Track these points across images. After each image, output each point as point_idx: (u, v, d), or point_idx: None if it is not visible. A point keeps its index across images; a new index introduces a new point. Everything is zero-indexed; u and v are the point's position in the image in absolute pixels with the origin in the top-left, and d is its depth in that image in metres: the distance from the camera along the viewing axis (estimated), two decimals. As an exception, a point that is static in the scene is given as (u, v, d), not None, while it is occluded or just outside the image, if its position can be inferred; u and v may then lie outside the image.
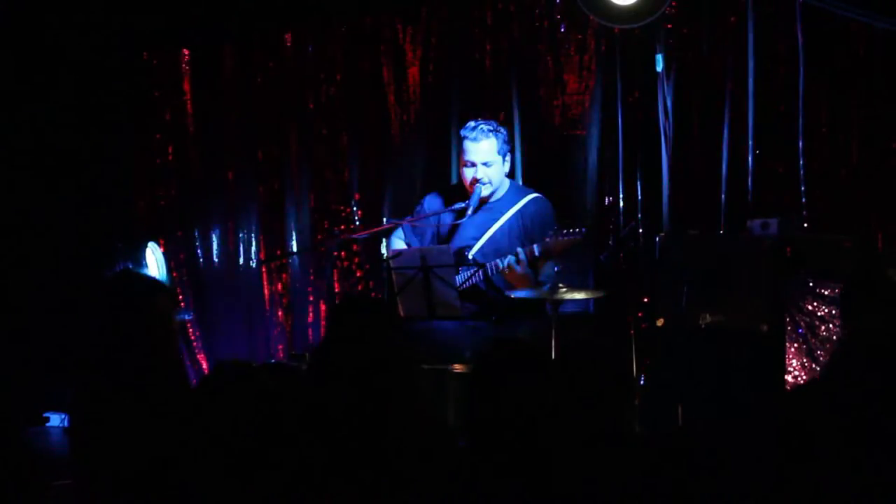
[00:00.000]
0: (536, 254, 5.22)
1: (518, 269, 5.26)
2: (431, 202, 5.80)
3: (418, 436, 2.98)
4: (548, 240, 5.14)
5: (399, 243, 5.81)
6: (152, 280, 3.64)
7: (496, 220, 5.60)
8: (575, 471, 2.79)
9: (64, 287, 6.60)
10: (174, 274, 7.00)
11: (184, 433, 2.61)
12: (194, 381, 5.80)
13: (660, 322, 5.57)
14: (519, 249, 5.29)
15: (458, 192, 5.70)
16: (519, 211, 5.60)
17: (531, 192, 5.70)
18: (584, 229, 5.15)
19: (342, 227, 6.92)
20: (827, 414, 2.77)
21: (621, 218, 6.46)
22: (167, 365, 3.31)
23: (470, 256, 5.55)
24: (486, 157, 5.52)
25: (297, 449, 2.43)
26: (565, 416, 2.89)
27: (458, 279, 5.42)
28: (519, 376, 2.88)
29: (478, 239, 5.60)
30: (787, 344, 5.09)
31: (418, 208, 5.85)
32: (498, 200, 5.65)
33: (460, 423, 4.68)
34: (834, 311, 4.93)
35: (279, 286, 7.11)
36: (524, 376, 2.88)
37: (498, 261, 5.36)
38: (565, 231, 5.14)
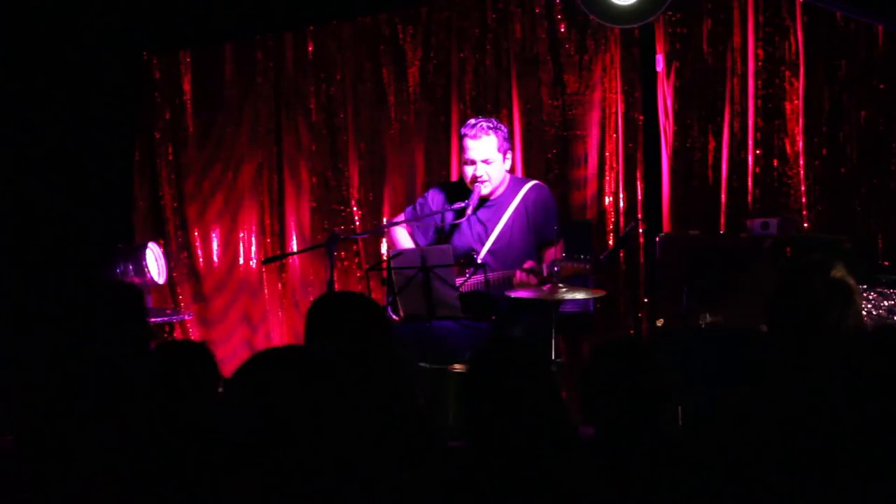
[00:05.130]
0: (545, 275, 5.24)
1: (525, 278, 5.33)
2: (435, 196, 5.79)
3: (415, 435, 2.97)
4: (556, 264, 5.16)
5: (402, 234, 5.82)
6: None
7: (500, 216, 5.60)
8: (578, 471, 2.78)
9: (64, 287, 6.59)
10: (174, 274, 6.99)
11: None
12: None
13: (660, 322, 5.57)
14: (528, 266, 5.32)
15: (461, 186, 5.69)
16: (521, 201, 5.61)
17: (530, 181, 5.71)
18: (590, 259, 5.17)
19: (342, 227, 6.91)
20: (826, 412, 2.77)
21: (621, 218, 6.47)
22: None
23: (479, 259, 5.54)
24: (485, 154, 5.52)
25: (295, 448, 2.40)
26: (564, 416, 2.89)
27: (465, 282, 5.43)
28: (516, 376, 2.87)
29: (484, 239, 5.59)
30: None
31: (421, 200, 5.85)
32: (499, 196, 5.65)
33: (460, 423, 4.69)
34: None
35: (279, 286, 7.11)
36: (521, 376, 2.87)
37: (505, 273, 5.39)
38: (577, 257, 5.16)
